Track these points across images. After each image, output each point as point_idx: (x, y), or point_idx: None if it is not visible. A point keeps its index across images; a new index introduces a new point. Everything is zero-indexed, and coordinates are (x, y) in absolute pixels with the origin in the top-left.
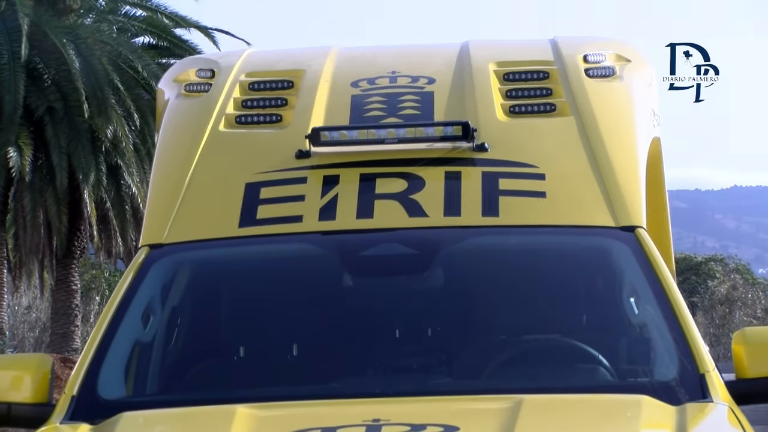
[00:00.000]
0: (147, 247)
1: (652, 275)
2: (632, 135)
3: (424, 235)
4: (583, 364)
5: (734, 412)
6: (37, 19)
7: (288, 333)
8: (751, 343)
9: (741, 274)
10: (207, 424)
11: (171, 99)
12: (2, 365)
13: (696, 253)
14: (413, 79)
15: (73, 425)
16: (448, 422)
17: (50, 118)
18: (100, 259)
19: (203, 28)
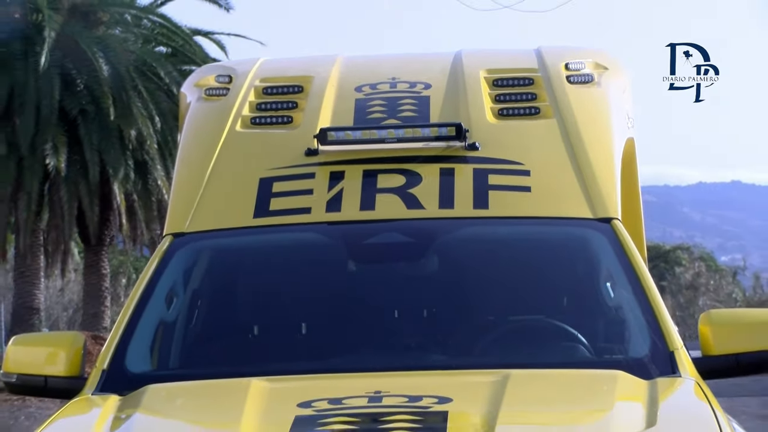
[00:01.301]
0: (170, 235)
1: (626, 262)
2: (609, 136)
3: (421, 226)
4: (564, 342)
5: (700, 385)
6: (69, 30)
7: (297, 313)
8: (716, 323)
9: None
10: (224, 396)
11: (192, 102)
12: (39, 342)
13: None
14: (411, 84)
15: (103, 396)
16: (442, 394)
17: (83, 119)
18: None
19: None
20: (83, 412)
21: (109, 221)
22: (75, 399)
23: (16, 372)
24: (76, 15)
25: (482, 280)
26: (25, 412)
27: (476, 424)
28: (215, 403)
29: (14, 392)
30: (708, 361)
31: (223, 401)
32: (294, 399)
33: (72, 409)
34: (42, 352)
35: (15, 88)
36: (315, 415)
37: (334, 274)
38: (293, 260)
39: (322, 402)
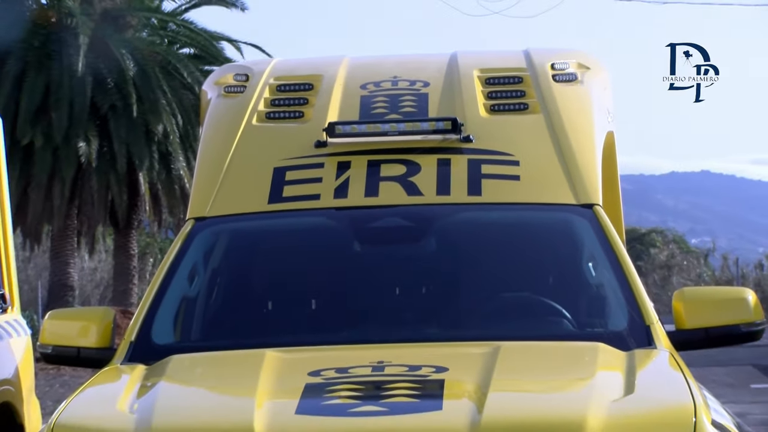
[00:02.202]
0: (192, 219)
1: (606, 244)
2: (591, 129)
3: (420, 211)
4: (550, 317)
5: (674, 356)
6: (101, 33)
7: (307, 290)
8: (688, 300)
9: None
10: (241, 365)
11: (213, 98)
12: (72, 317)
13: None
14: (411, 82)
15: (131, 366)
16: (440, 364)
17: (112, 114)
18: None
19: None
20: (113, 381)
21: (136, 206)
22: (105, 368)
23: (52, 343)
24: (106, 19)
25: (476, 260)
26: (59, 381)
27: (470, 391)
28: (233, 372)
29: (50, 362)
30: (681, 334)
31: (240, 370)
32: (304, 368)
33: (102, 377)
34: (75, 325)
35: (50, 86)
36: (323, 383)
37: (341, 255)
38: (304, 242)
39: (330, 371)
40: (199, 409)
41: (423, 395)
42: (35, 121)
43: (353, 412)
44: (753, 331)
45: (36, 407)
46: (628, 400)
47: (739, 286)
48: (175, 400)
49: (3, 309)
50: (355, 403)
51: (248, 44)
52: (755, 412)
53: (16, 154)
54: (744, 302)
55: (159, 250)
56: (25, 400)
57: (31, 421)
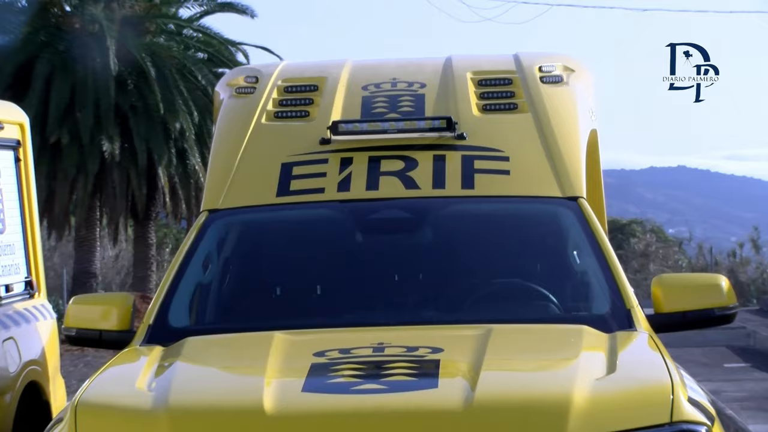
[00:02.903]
0: (206, 211)
1: (590, 234)
2: (575, 127)
3: (417, 203)
4: (538, 302)
5: (653, 338)
6: (122, 38)
7: (313, 277)
8: (666, 285)
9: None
10: (251, 346)
11: (225, 99)
12: (95, 301)
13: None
14: (409, 84)
15: (149, 347)
16: (435, 345)
17: (133, 114)
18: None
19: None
20: (132, 361)
21: (154, 199)
22: (125, 349)
23: (76, 327)
24: (127, 25)
25: (469, 248)
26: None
27: (464, 370)
28: (244, 353)
29: (74, 344)
30: (659, 317)
31: (251, 351)
32: (310, 349)
33: (123, 358)
34: (97, 309)
35: (76, 87)
36: (328, 362)
37: (344, 244)
38: (309, 233)
39: (334, 352)
40: (212, 387)
41: (420, 374)
42: (62, 120)
43: (355, 389)
44: (726, 314)
45: (61, 385)
46: (610, 379)
47: (713, 273)
48: (190, 379)
49: (30, 295)
50: (357, 382)
51: (258, 47)
52: (728, 390)
53: (45, 151)
54: (718, 288)
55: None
56: (51, 379)
57: (57, 399)
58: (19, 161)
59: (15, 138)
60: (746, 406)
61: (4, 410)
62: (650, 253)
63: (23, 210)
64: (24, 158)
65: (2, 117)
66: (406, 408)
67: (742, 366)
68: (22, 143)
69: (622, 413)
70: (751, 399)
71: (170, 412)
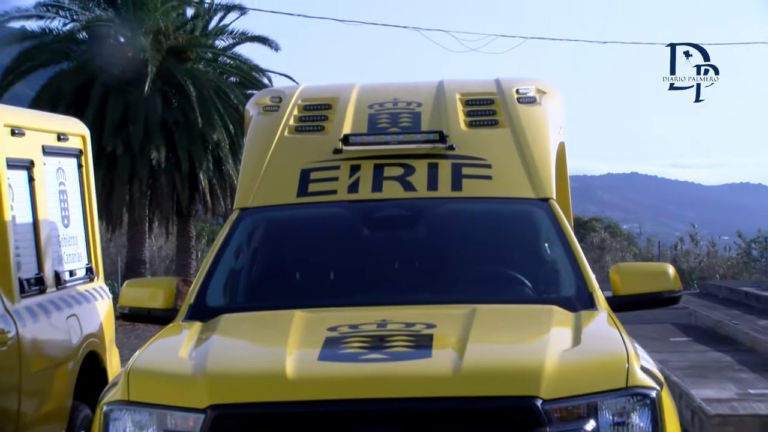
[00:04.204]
0: (238, 209)
1: (559, 229)
2: (547, 140)
3: (415, 203)
4: (515, 286)
5: (611, 316)
6: (167, 65)
7: (327, 265)
8: (622, 272)
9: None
10: (276, 321)
11: (254, 115)
12: (144, 285)
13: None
14: (408, 103)
15: (190, 323)
16: (430, 321)
17: (177, 127)
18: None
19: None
20: (176, 334)
21: (195, 199)
22: (170, 325)
23: (128, 305)
24: (172, 54)
25: (458, 241)
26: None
27: (453, 342)
28: (269, 327)
29: (126, 320)
30: (616, 299)
31: (275, 326)
32: (325, 325)
33: (168, 332)
34: (146, 291)
35: (129, 106)
36: (340, 336)
37: (353, 237)
38: (324, 227)
39: (345, 327)
40: (242, 356)
41: (416, 346)
42: (116, 133)
43: (362, 359)
44: (673, 296)
45: (116, 355)
46: (575, 350)
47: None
48: (224, 349)
49: (90, 279)
50: (364, 352)
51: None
52: (673, 360)
53: (102, 159)
54: (666, 275)
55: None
56: (108, 350)
57: (112, 366)
58: (82, 167)
59: (78, 148)
60: (688, 374)
61: (68, 375)
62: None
63: (84, 208)
64: (85, 165)
65: (67, 130)
66: (405, 374)
67: (685, 340)
68: (84, 152)
69: (586, 379)
70: (693, 368)
71: (207, 377)
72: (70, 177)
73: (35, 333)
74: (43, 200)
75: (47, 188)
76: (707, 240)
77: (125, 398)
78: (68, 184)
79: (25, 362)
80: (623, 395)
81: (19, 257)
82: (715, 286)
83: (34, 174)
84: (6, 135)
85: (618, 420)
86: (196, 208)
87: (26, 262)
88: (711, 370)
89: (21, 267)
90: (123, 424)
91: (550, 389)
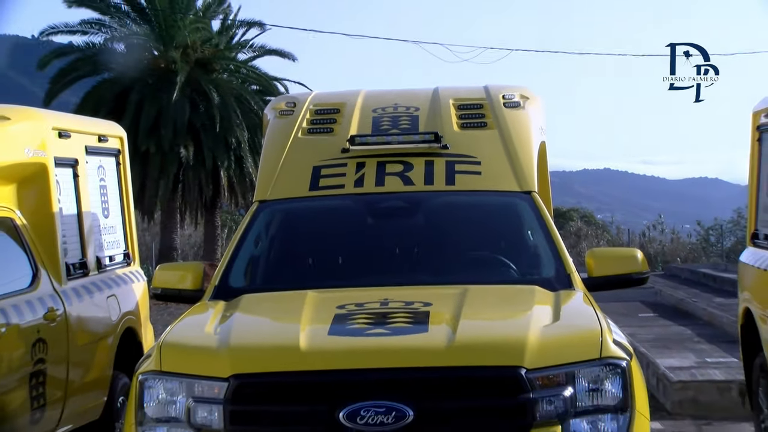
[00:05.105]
0: (257, 202)
1: (540, 218)
2: (529, 140)
3: (413, 196)
4: (502, 269)
5: (587, 295)
6: (194, 75)
7: (336, 250)
8: (597, 256)
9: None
10: (290, 300)
11: (271, 119)
12: (175, 268)
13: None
14: (407, 107)
15: (215, 302)
16: (426, 300)
17: (203, 130)
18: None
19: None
20: (203, 312)
21: (218, 193)
22: (197, 304)
23: (161, 287)
24: (199, 65)
25: (451, 229)
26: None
27: (447, 319)
28: (285, 305)
29: (159, 300)
30: (591, 280)
31: (290, 304)
32: (334, 303)
33: (196, 310)
34: (177, 274)
35: (161, 111)
36: (347, 313)
37: (359, 226)
38: (333, 217)
39: (351, 305)
40: (261, 331)
41: (415, 322)
42: (150, 134)
43: (367, 333)
44: (642, 277)
45: (150, 330)
46: (555, 326)
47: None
48: (245, 325)
49: (127, 263)
50: (369, 327)
51: (295, 82)
52: (641, 333)
53: (137, 157)
54: (635, 258)
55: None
56: (143, 326)
57: (147, 340)
58: (119, 165)
59: (116, 148)
60: (654, 345)
61: (108, 348)
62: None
63: (122, 200)
64: (122, 162)
65: (107, 132)
66: (405, 347)
67: (651, 316)
68: (121, 152)
69: (564, 351)
70: (658, 340)
71: (230, 350)
72: (110, 173)
73: (80, 311)
74: (86, 194)
75: (90, 183)
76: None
77: (158, 369)
78: (108, 180)
79: (72, 336)
80: (597, 365)
81: (66, 244)
82: (677, 268)
83: (78, 171)
84: (54, 137)
85: (593, 387)
86: (220, 201)
87: (71, 249)
88: (674, 342)
89: (67, 253)
90: (156, 391)
91: (532, 360)
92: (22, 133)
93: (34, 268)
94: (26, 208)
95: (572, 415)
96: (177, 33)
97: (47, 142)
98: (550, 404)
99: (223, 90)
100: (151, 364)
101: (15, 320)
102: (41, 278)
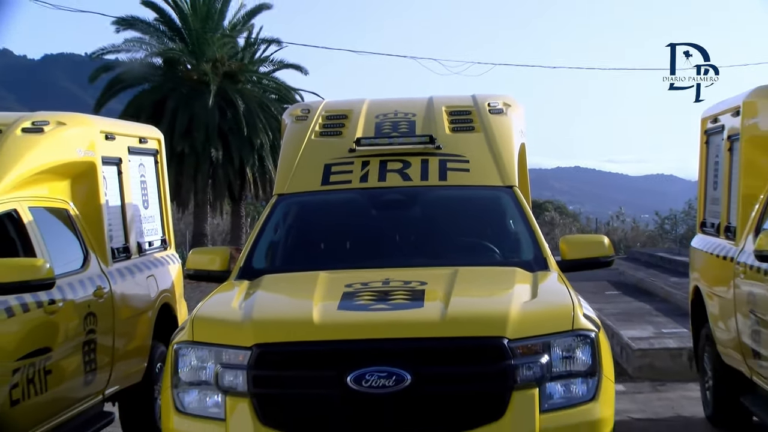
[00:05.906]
0: (276, 195)
1: (520, 209)
2: (511, 142)
3: (411, 190)
4: (488, 253)
5: (561, 276)
6: (223, 85)
7: (344, 236)
8: (569, 242)
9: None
10: (305, 280)
11: (288, 123)
12: (206, 252)
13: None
14: (405, 114)
15: (240, 281)
16: (422, 280)
17: (230, 133)
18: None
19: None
20: (229, 290)
21: (244, 188)
22: (225, 283)
23: (193, 268)
24: (226, 77)
25: (443, 219)
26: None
27: (440, 296)
28: (300, 284)
29: (192, 279)
30: (565, 262)
31: (304, 283)
32: (343, 282)
33: (223, 288)
34: (207, 257)
35: (193, 116)
36: (354, 291)
37: (364, 216)
38: (341, 209)
39: (358, 284)
40: (280, 306)
41: (412, 298)
42: (184, 137)
43: (371, 308)
44: (608, 260)
45: (184, 306)
46: (533, 302)
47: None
48: (266, 301)
49: (164, 248)
50: (372, 303)
51: (309, 92)
52: (608, 308)
53: (173, 157)
54: (602, 244)
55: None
56: (177, 302)
57: (181, 314)
58: (158, 163)
59: (155, 148)
60: (618, 318)
61: (148, 321)
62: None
63: (160, 194)
64: (160, 161)
65: (147, 135)
66: (404, 320)
67: (616, 293)
68: (159, 152)
69: (541, 323)
70: (622, 314)
71: (253, 322)
72: (149, 171)
73: (123, 289)
74: (128, 188)
75: (132, 179)
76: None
77: (190, 339)
78: (147, 176)
79: (117, 311)
80: (570, 336)
81: (111, 231)
82: (638, 252)
83: (122, 168)
84: (101, 139)
85: (566, 355)
86: (245, 195)
87: (116, 236)
88: (635, 316)
89: (112, 239)
90: (189, 358)
91: (513, 331)
92: (75, 136)
93: (85, 252)
94: (78, 201)
95: (548, 379)
96: (207, 49)
97: (96, 143)
98: (529, 370)
99: (247, 98)
100: (184, 335)
101: (70, 296)
102: (91, 260)
